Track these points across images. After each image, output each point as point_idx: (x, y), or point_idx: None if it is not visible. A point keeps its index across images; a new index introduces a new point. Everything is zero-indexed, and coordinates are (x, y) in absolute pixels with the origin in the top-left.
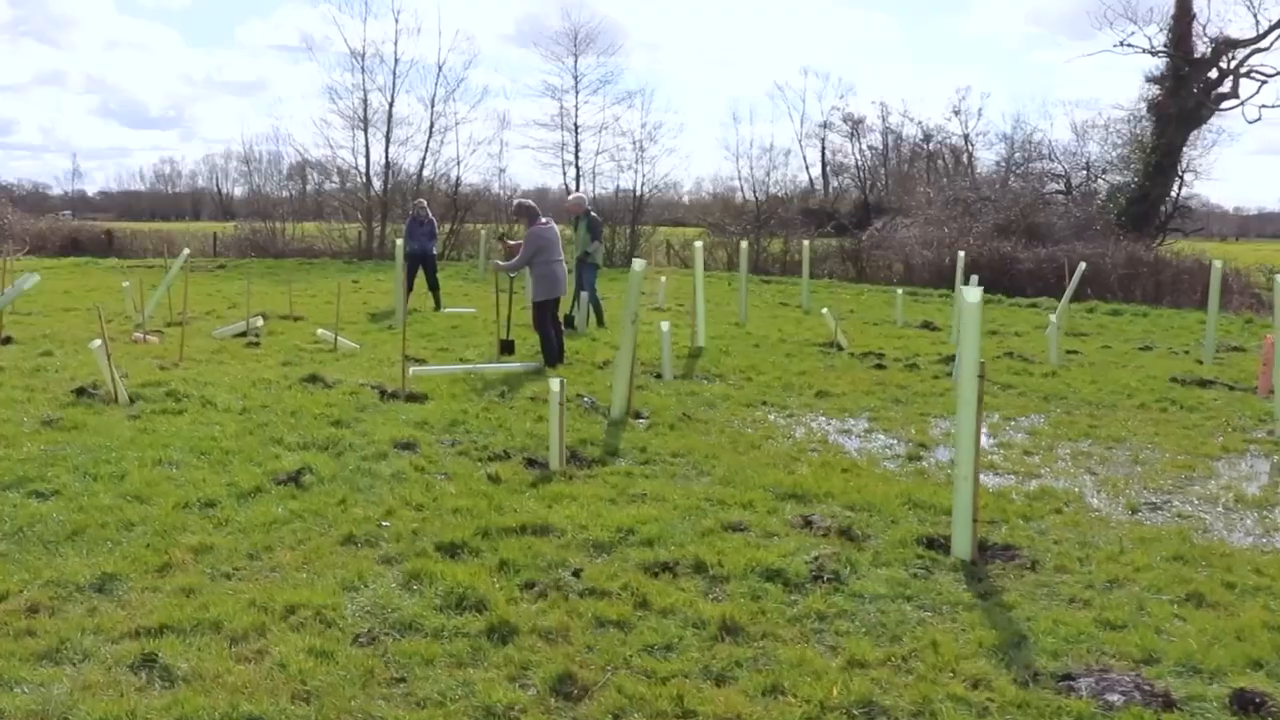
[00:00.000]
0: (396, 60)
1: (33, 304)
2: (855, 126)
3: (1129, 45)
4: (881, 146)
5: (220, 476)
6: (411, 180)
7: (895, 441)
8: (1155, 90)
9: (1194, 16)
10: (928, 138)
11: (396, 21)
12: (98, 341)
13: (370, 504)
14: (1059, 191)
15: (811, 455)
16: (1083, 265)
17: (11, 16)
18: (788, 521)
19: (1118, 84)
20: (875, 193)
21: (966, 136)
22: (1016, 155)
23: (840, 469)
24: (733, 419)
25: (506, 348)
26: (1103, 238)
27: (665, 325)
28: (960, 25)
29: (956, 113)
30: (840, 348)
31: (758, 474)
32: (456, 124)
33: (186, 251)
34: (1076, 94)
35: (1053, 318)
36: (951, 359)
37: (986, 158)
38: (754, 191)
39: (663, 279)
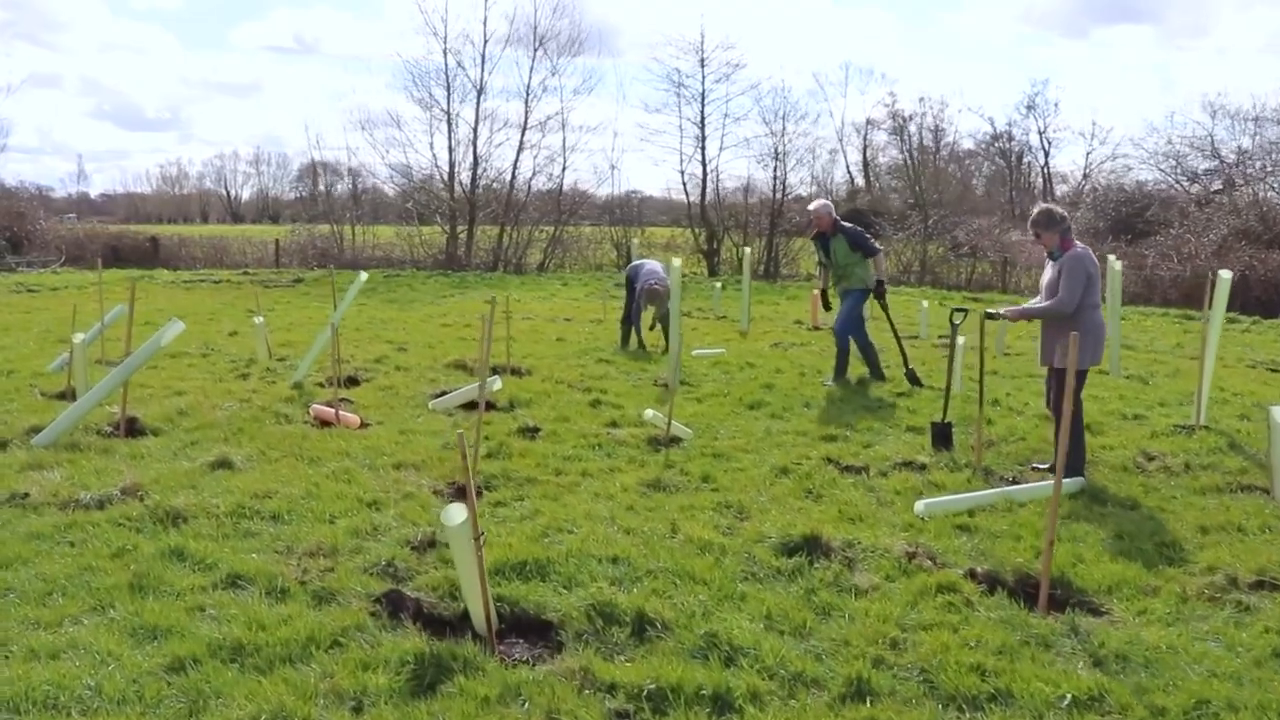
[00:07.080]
0: (485, 40)
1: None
2: (902, 124)
3: None
4: (923, 143)
5: None
6: (503, 180)
7: None
8: None
9: None
10: (1002, 135)
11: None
12: (461, 514)
13: None
14: (1216, 191)
15: None
16: None
17: (4, 19)
18: None
19: (1123, 77)
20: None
21: (1042, 133)
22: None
23: None
24: None
25: (942, 437)
26: None
27: (1278, 411)
28: (956, 21)
29: (1030, 108)
30: None
31: None
32: (562, 108)
33: (364, 275)
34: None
35: None
36: None
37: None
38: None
39: (1003, 310)
